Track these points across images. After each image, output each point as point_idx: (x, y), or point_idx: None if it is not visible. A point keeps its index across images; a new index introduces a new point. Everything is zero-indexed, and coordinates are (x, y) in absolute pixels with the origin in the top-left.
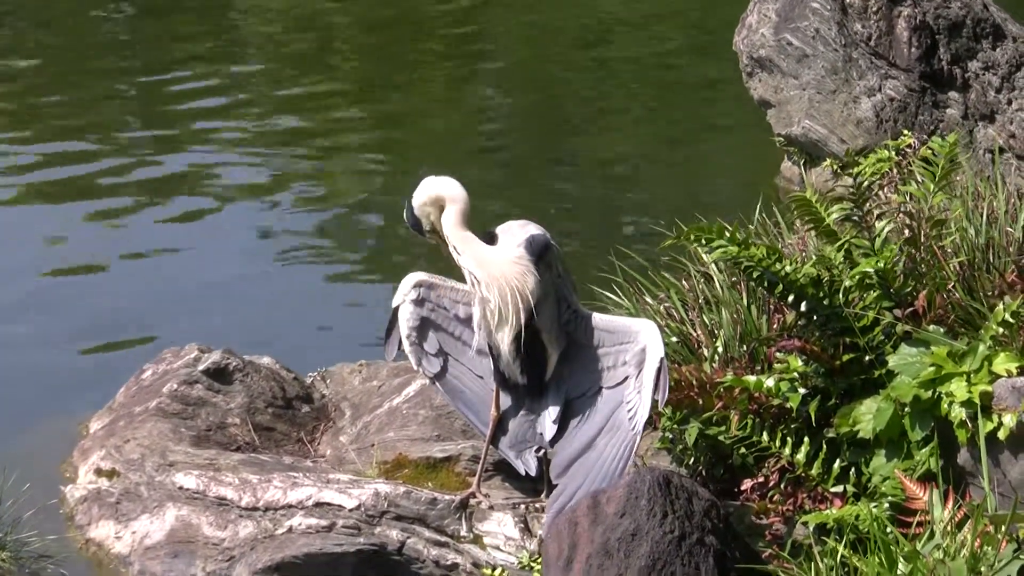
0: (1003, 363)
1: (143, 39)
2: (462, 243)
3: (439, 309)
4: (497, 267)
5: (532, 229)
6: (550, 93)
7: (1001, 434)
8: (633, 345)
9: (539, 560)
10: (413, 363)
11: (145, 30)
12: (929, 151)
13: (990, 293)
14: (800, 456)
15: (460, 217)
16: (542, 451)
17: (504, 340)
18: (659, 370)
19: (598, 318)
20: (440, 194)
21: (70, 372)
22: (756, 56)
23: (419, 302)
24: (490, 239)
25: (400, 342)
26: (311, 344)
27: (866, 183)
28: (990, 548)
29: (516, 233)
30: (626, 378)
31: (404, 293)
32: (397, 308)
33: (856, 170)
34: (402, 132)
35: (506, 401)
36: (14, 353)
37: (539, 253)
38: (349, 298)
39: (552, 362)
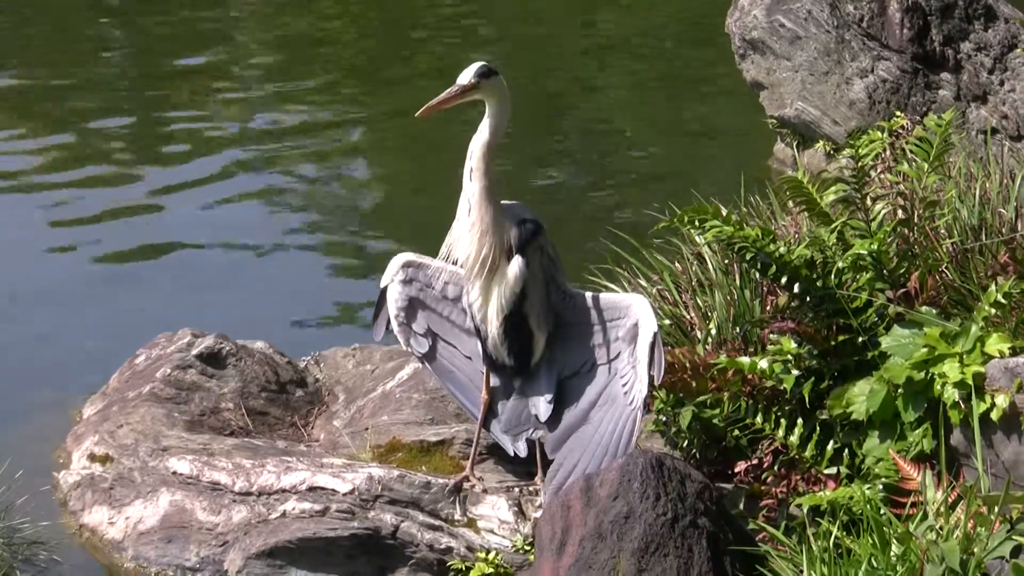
0: (996, 344)
1: (137, 35)
2: (482, 175)
3: (427, 289)
4: (491, 219)
5: (524, 214)
6: (542, 76)
7: (994, 415)
8: (625, 320)
9: (533, 543)
10: (402, 343)
11: (139, 28)
12: (924, 130)
13: (982, 274)
14: (794, 438)
15: (494, 141)
16: (538, 433)
17: (491, 322)
18: (653, 344)
19: (589, 296)
20: (502, 98)
21: (63, 357)
22: (749, 38)
23: (407, 282)
24: None
25: (388, 322)
26: (304, 328)
27: (867, 164)
28: (983, 529)
29: (509, 217)
30: (619, 353)
31: (392, 273)
32: (385, 288)
33: (858, 152)
34: (396, 118)
35: (496, 383)
36: (6, 339)
37: (530, 235)
38: (342, 282)
39: (540, 344)
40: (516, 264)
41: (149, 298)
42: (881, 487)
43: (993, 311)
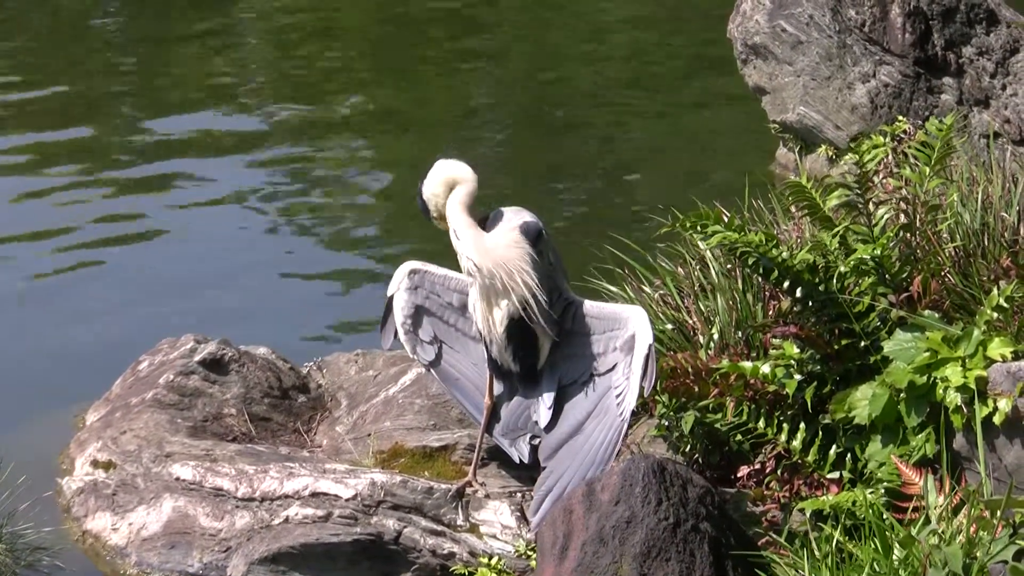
0: (998, 348)
1: (139, 31)
2: (463, 228)
3: (433, 296)
4: (498, 253)
5: (525, 216)
6: (545, 81)
7: (996, 419)
8: (623, 331)
9: (535, 548)
10: (408, 351)
11: (141, 25)
12: (926, 134)
13: (985, 278)
14: (796, 442)
15: (466, 199)
16: (537, 439)
17: (496, 328)
18: (647, 357)
19: (589, 305)
20: (451, 176)
21: (66, 363)
22: (750, 43)
23: (413, 290)
24: (482, 223)
25: (395, 331)
26: (307, 334)
27: (870, 169)
28: (986, 533)
29: (510, 219)
30: (615, 364)
31: (398, 281)
32: (392, 297)
33: (863, 159)
34: (399, 122)
35: (500, 389)
36: (10, 345)
37: (533, 239)
38: (345, 287)
39: (545, 350)
40: None
41: (152, 303)
42: (884, 491)
43: (995, 315)
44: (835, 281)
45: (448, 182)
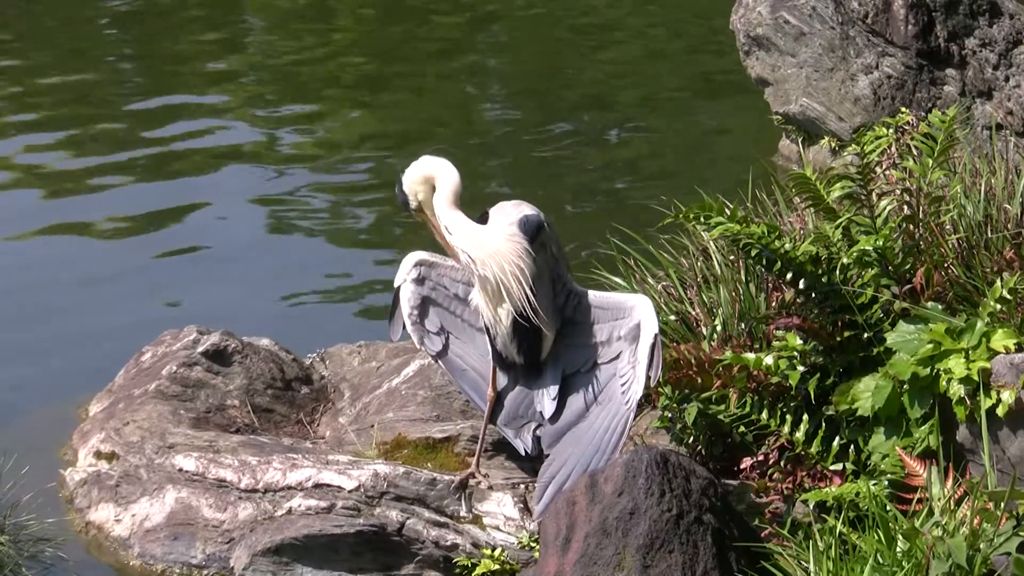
0: (1001, 340)
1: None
2: (454, 223)
3: (439, 288)
4: (491, 245)
5: (526, 209)
6: (549, 74)
7: (1000, 411)
8: (628, 320)
9: (538, 540)
10: (415, 341)
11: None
12: (929, 126)
13: (988, 270)
14: (799, 434)
15: (451, 197)
16: (541, 428)
17: (502, 320)
18: (653, 346)
19: (593, 295)
20: (432, 173)
21: (70, 355)
22: (753, 35)
23: (419, 281)
24: (483, 219)
25: (403, 322)
26: (310, 325)
27: (873, 160)
28: (989, 525)
29: (510, 212)
30: (620, 353)
31: (405, 273)
32: (399, 288)
33: (864, 149)
34: (402, 111)
35: (504, 380)
36: (12, 336)
37: (533, 233)
38: (348, 279)
39: (548, 342)
40: None
41: (155, 295)
42: (887, 483)
43: (998, 307)
44: (838, 273)
45: (429, 179)
